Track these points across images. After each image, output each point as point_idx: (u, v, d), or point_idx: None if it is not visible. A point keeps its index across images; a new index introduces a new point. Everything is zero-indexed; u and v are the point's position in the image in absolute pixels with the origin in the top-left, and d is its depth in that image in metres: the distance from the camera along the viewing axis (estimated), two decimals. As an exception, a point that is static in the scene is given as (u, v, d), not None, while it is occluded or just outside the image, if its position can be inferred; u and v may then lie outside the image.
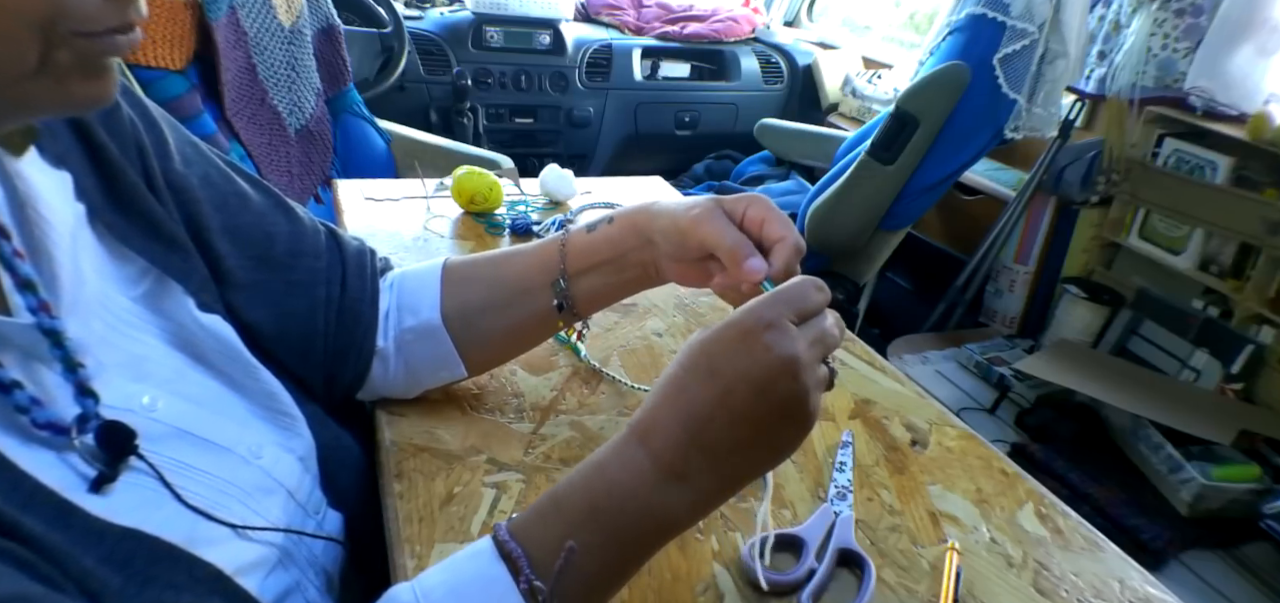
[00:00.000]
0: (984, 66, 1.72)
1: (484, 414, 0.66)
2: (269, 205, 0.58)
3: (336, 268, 0.60)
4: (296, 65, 1.60)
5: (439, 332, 0.60)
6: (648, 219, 0.56)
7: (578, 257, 0.59)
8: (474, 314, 0.61)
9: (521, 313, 0.61)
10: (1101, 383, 1.68)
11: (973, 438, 0.72)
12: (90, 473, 0.38)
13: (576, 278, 0.59)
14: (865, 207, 1.89)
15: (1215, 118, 1.80)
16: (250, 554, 0.44)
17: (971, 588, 0.55)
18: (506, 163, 1.81)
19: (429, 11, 2.51)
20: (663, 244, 0.56)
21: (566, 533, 0.39)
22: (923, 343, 2.11)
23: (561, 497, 0.41)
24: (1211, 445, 1.56)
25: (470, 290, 0.61)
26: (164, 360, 0.46)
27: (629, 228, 0.57)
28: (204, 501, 0.42)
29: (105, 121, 0.46)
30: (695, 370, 0.40)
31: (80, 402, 0.39)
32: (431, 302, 0.61)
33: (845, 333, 0.44)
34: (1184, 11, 1.82)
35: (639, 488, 0.40)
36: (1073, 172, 2.04)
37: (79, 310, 0.40)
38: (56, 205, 0.41)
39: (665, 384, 0.41)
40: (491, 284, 0.61)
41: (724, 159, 2.87)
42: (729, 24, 2.82)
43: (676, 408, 0.40)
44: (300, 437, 0.52)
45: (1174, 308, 1.86)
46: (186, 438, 0.44)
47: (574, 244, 0.59)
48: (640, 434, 0.41)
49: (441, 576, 0.40)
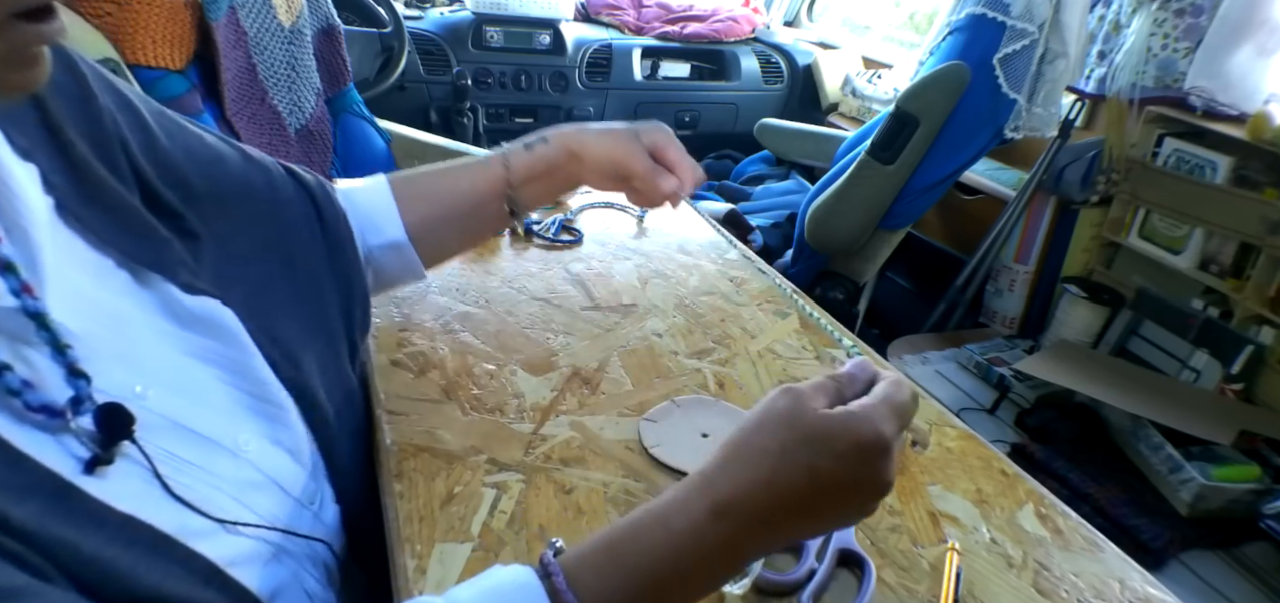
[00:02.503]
0: (984, 66, 1.72)
1: (484, 414, 0.66)
2: (244, 164, 0.59)
3: (310, 206, 0.62)
4: (296, 65, 1.60)
5: (407, 248, 0.68)
6: (580, 145, 0.69)
7: (521, 172, 0.70)
8: (437, 228, 0.70)
9: (479, 224, 0.72)
10: (1101, 383, 1.68)
11: (973, 438, 0.72)
12: (85, 455, 0.38)
13: (520, 188, 0.70)
14: (865, 207, 1.89)
15: (1215, 118, 1.80)
16: (242, 548, 0.44)
17: (971, 588, 0.55)
18: (507, 163, 1.81)
19: (429, 11, 2.51)
20: (591, 165, 0.70)
21: (622, 592, 0.39)
22: (923, 343, 2.11)
23: (620, 550, 0.40)
24: (1211, 446, 1.56)
25: (428, 208, 0.69)
26: (151, 350, 0.45)
27: (563, 151, 0.70)
28: (194, 493, 0.42)
29: (76, 118, 0.46)
30: (795, 459, 0.39)
31: (72, 383, 0.39)
32: (393, 219, 0.67)
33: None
34: (1184, 11, 1.82)
35: (704, 560, 0.39)
36: (1073, 172, 2.04)
37: (62, 299, 0.39)
38: (30, 195, 0.41)
39: (766, 459, 0.40)
40: (448, 202, 0.70)
41: (724, 159, 2.87)
42: (729, 24, 2.82)
43: (766, 490, 0.39)
44: (290, 428, 0.51)
45: (1174, 308, 1.85)
46: (177, 429, 0.44)
47: (516, 163, 0.70)
48: (714, 507, 0.39)
49: (479, 599, 0.39)
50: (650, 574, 0.39)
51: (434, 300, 0.83)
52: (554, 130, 0.71)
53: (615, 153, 0.69)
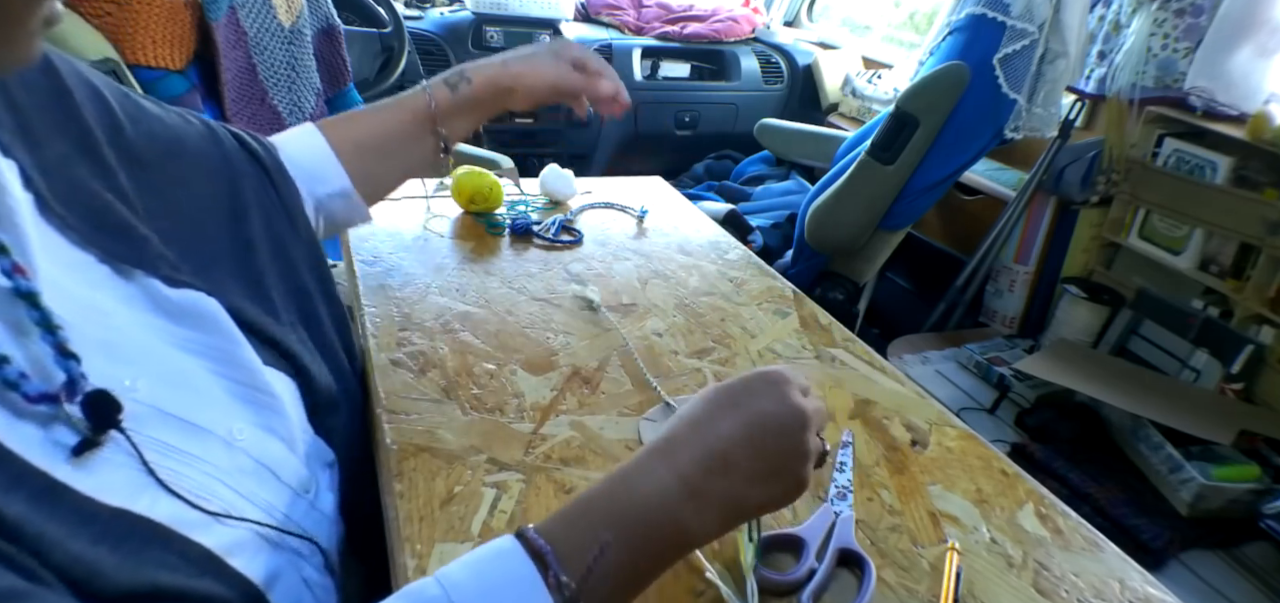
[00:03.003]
0: (984, 66, 1.72)
1: (484, 414, 0.66)
2: (200, 141, 0.59)
3: (263, 173, 0.63)
4: (296, 65, 1.60)
5: (352, 194, 0.72)
6: (512, 80, 0.76)
7: (448, 110, 0.75)
8: (374, 170, 0.74)
9: (412, 160, 0.77)
10: (1101, 383, 1.68)
11: (973, 438, 0.72)
12: (72, 441, 0.38)
13: (447, 122, 0.75)
14: (865, 207, 1.89)
15: (1215, 118, 1.80)
16: (238, 535, 0.44)
17: (971, 588, 0.55)
18: (506, 163, 1.81)
19: (429, 11, 2.51)
20: (524, 94, 0.77)
21: (592, 535, 0.40)
22: (923, 343, 2.11)
23: (586, 503, 0.43)
24: (1211, 446, 1.56)
25: (363, 152, 0.73)
26: (138, 343, 0.45)
27: (490, 89, 0.76)
28: (189, 483, 0.42)
29: (52, 117, 0.46)
30: (720, 404, 0.45)
31: (62, 364, 0.39)
32: (335, 168, 0.71)
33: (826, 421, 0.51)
34: (1184, 11, 1.82)
35: (664, 501, 0.43)
36: (1073, 172, 2.04)
37: (48, 294, 0.39)
38: (15, 187, 0.41)
39: (689, 414, 0.46)
40: (380, 143, 0.74)
41: (724, 159, 2.87)
42: (729, 24, 2.82)
43: (700, 432, 0.44)
44: (282, 416, 0.51)
45: (1174, 308, 1.85)
46: (169, 420, 0.43)
47: (443, 103, 0.75)
48: (663, 453, 0.44)
49: (468, 574, 0.40)
50: (614, 519, 0.42)
51: (434, 300, 0.83)
52: (473, 66, 0.76)
53: (549, 78, 0.77)
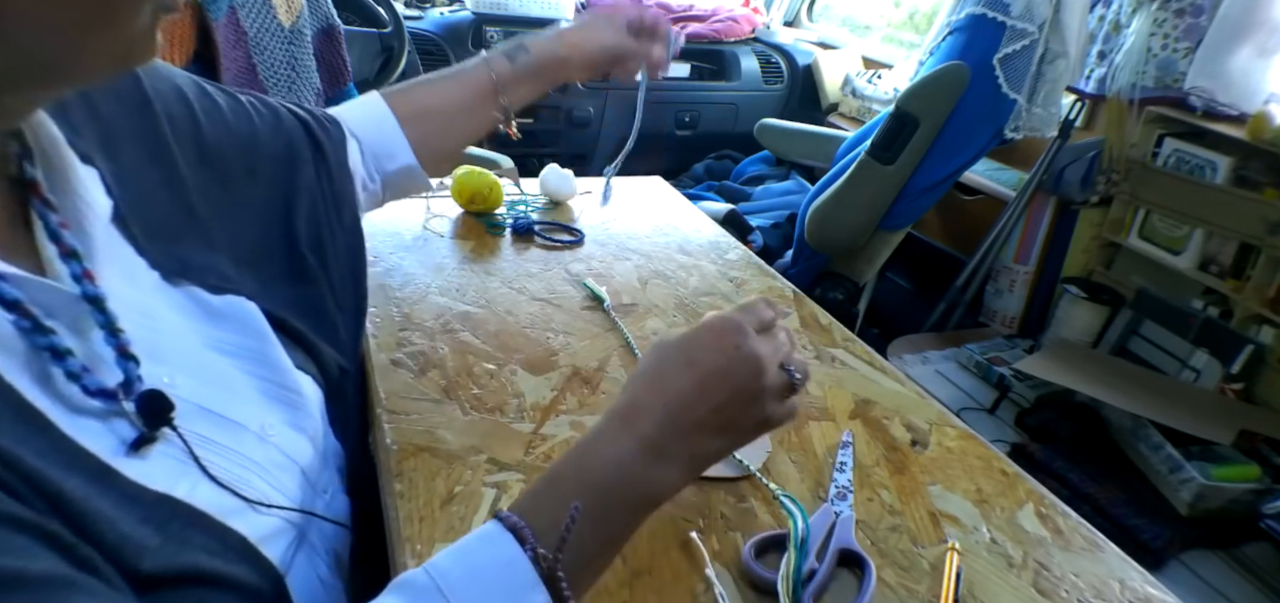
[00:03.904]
0: (984, 66, 1.72)
1: (484, 414, 0.66)
2: (268, 132, 0.62)
3: (321, 162, 0.65)
4: (296, 65, 1.60)
5: (417, 170, 0.75)
6: (569, 49, 0.80)
7: (508, 81, 0.78)
8: (436, 143, 0.77)
9: (472, 128, 0.79)
10: (1101, 383, 1.68)
11: (973, 438, 0.72)
12: (130, 436, 0.40)
13: (508, 92, 0.78)
14: (865, 207, 1.89)
15: (1215, 118, 1.80)
16: (271, 526, 0.46)
17: (972, 588, 0.55)
18: (506, 163, 1.81)
19: (429, 11, 2.51)
20: (580, 64, 0.81)
21: (563, 506, 0.41)
22: (923, 343, 2.11)
23: (554, 476, 0.44)
24: (1211, 446, 1.56)
25: (427, 124, 0.75)
26: (178, 341, 0.47)
27: (550, 61, 0.79)
28: (227, 474, 0.44)
29: (131, 125, 0.49)
30: (673, 362, 0.46)
31: (122, 365, 0.41)
32: (402, 144, 0.74)
33: (796, 343, 0.52)
34: (1184, 11, 1.82)
35: (627, 463, 0.44)
36: (1073, 172, 2.04)
37: (109, 290, 0.42)
38: (94, 194, 0.44)
39: (644, 375, 0.47)
40: (444, 115, 0.77)
41: (724, 159, 2.86)
42: (729, 24, 2.82)
43: (658, 394, 0.45)
44: (309, 416, 0.53)
45: (1174, 308, 1.85)
46: (207, 415, 0.45)
47: (503, 74, 0.77)
48: (624, 418, 0.45)
49: (453, 560, 0.41)
50: (582, 487, 0.43)
51: (434, 300, 0.83)
52: (531, 38, 0.79)
53: (605, 42, 0.81)
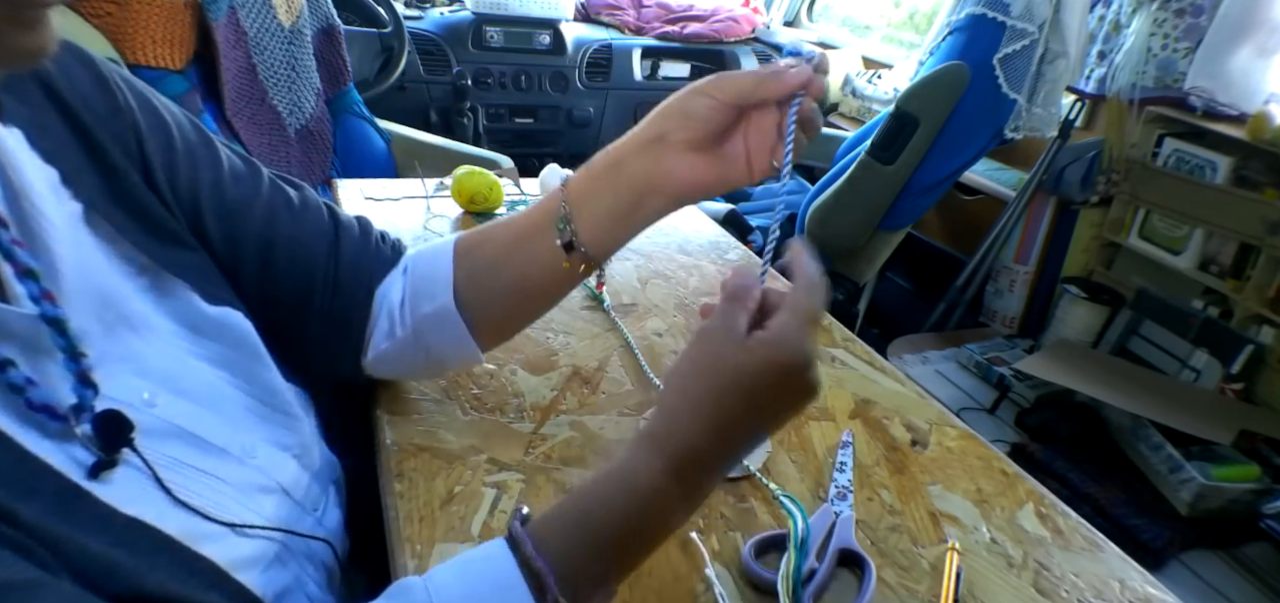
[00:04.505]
0: (984, 66, 1.72)
1: (484, 414, 0.66)
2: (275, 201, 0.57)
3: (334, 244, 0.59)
4: (296, 65, 1.60)
5: (452, 316, 0.57)
6: (653, 122, 0.55)
7: (578, 187, 0.55)
8: (482, 276, 0.58)
9: (526, 261, 0.57)
10: (1101, 383, 1.68)
11: (973, 438, 0.72)
12: (89, 460, 0.38)
13: (578, 208, 0.55)
14: (865, 207, 1.89)
15: (1215, 118, 1.80)
16: (246, 550, 0.44)
17: (972, 588, 0.55)
18: (506, 163, 1.81)
19: (429, 11, 2.51)
20: (675, 132, 0.53)
21: (590, 553, 0.40)
22: (923, 343, 2.11)
23: (584, 514, 0.41)
24: (1211, 446, 1.56)
25: (479, 254, 0.58)
26: (163, 355, 0.46)
27: (630, 140, 0.55)
28: (199, 497, 0.42)
29: (108, 128, 0.47)
30: (736, 397, 0.41)
31: (78, 392, 0.39)
32: (445, 282, 0.58)
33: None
34: (1184, 11, 1.82)
35: (667, 513, 0.42)
36: (1073, 172, 2.04)
37: (79, 304, 0.40)
38: (50, 199, 0.41)
39: (706, 407, 0.41)
40: (497, 241, 0.58)
41: (724, 159, 2.86)
42: (729, 24, 2.82)
43: (718, 441, 0.41)
44: (297, 434, 0.52)
45: (1174, 308, 1.85)
46: (184, 436, 0.44)
47: (574, 180, 0.56)
48: (677, 468, 0.41)
49: (453, 575, 0.40)
50: (615, 530, 0.41)
51: (434, 300, 0.83)
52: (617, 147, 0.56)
53: (714, 83, 0.55)
